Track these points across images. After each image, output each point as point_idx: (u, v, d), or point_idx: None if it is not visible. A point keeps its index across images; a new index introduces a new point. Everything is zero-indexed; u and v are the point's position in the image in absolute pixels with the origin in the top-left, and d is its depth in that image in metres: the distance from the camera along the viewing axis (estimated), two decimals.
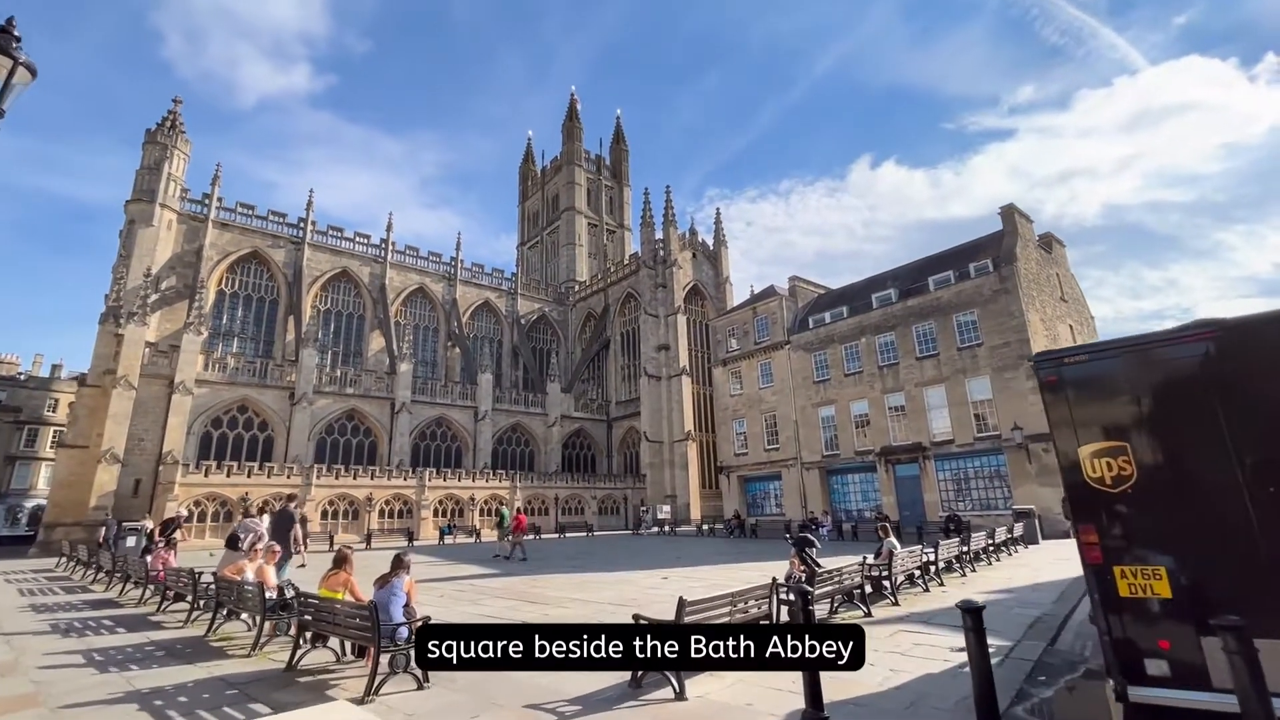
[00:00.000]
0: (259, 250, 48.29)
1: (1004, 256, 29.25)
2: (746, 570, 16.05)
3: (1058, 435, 5.02)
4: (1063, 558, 17.07)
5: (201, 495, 32.42)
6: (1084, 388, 4.99)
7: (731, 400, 40.91)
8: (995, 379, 28.16)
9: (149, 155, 43.79)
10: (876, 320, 33.41)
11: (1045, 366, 5.17)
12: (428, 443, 46.71)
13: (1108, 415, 4.87)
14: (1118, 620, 4.51)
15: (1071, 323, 32.36)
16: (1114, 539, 4.63)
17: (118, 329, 36.05)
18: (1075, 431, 4.89)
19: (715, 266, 61.79)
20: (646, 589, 12.69)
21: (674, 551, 23.40)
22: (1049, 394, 5.13)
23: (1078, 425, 4.90)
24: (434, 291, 57.22)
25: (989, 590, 11.58)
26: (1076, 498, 4.87)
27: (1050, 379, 5.11)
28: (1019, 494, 26.50)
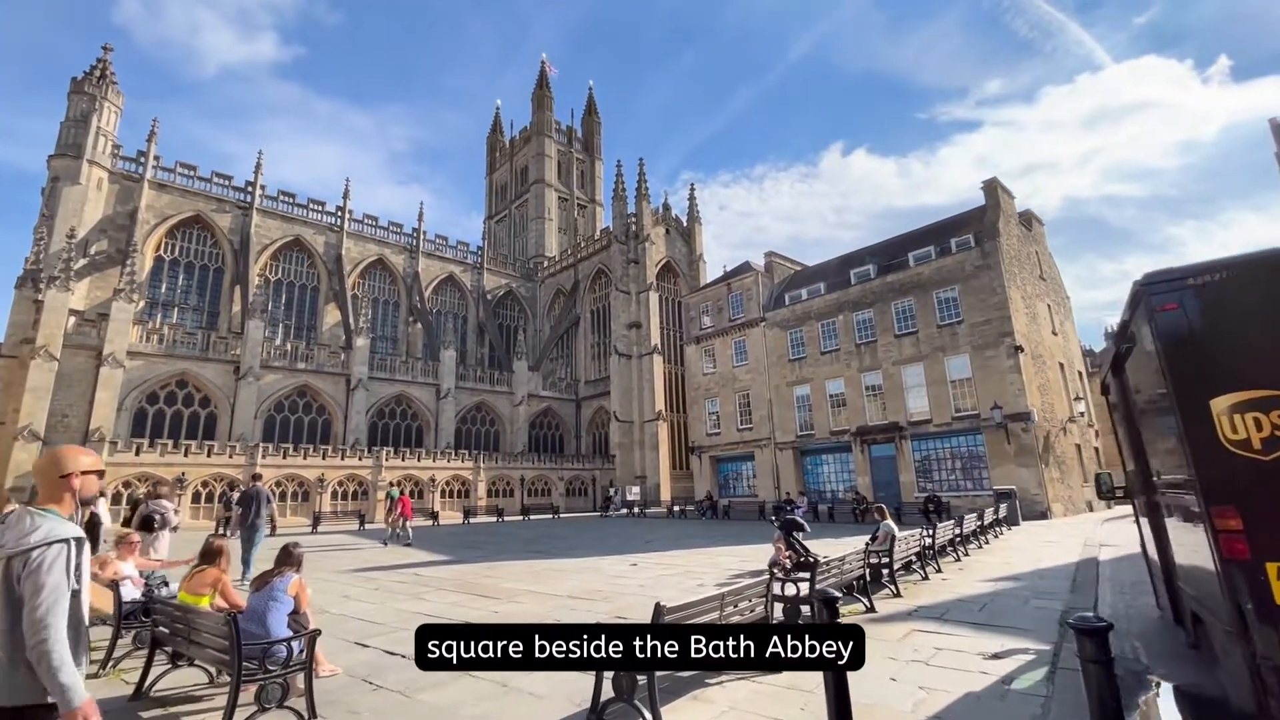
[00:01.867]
0: (202, 214, 44.86)
1: (987, 231, 28.39)
2: (722, 555, 14.79)
3: (1176, 383, 3.67)
4: (1050, 540, 16.27)
5: (132, 475, 29.81)
6: (1220, 316, 3.64)
7: (704, 379, 39.67)
8: (975, 357, 27.40)
9: (75, 107, 40.00)
10: (855, 297, 32.40)
11: (1160, 291, 3.79)
12: (386, 421, 44.43)
13: (1258, 352, 3.52)
14: (1273, 635, 3.20)
15: (1050, 301, 31.87)
16: (1266, 525, 3.32)
17: (37, 295, 32.83)
18: (1206, 377, 3.54)
19: (689, 243, 60.21)
20: (613, 578, 11.28)
21: (644, 534, 22.09)
22: (1165, 329, 3.76)
23: (1209, 368, 3.55)
24: (395, 264, 54.38)
25: (992, 577, 10.48)
26: (1209, 469, 3.52)
27: (1168, 306, 3.74)
28: (996, 474, 25.90)
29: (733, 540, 18.79)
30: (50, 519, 2.18)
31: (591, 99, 77.50)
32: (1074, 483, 27.93)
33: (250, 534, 11.50)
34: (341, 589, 10.43)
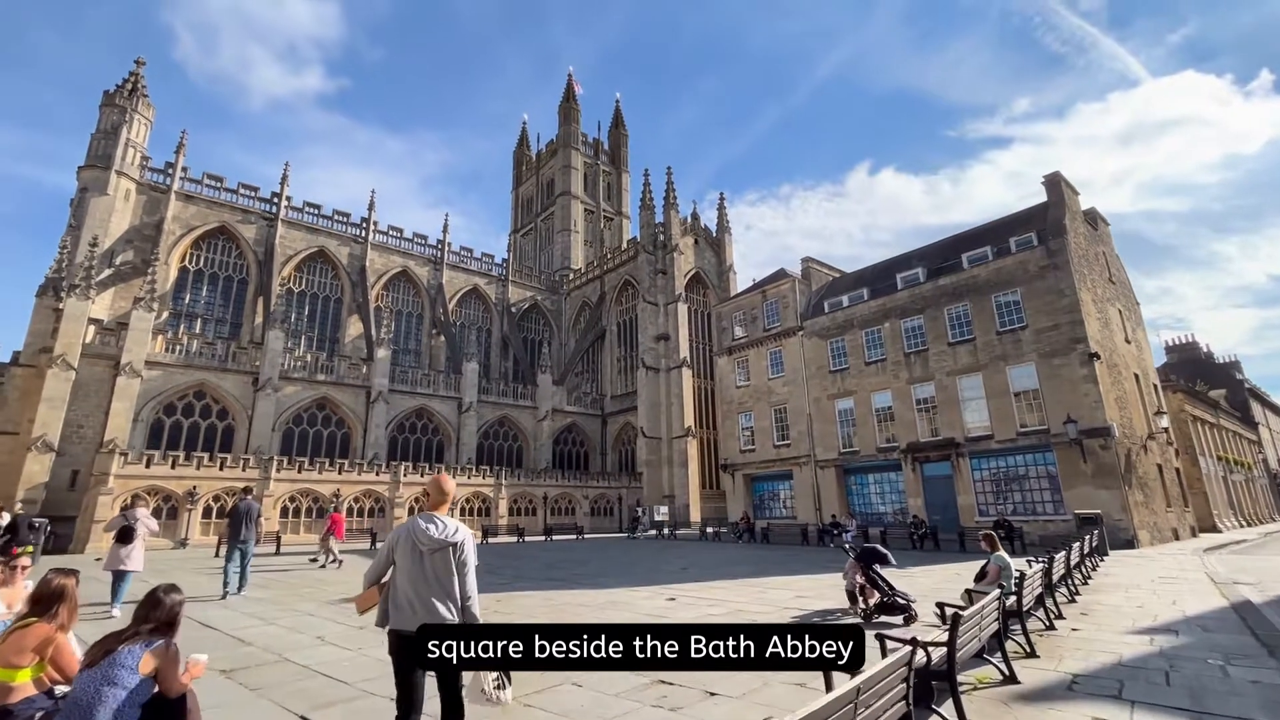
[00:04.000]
0: (227, 225, 44.63)
1: (1051, 229, 25.87)
2: (773, 588, 12.59)
3: None
4: (1163, 576, 13.66)
5: (141, 489, 28.58)
6: None
7: (737, 392, 37.41)
8: (1042, 366, 24.74)
9: (106, 119, 40.15)
10: (903, 302, 30.00)
11: None
12: (406, 435, 43.08)
13: None
14: None
15: (1120, 307, 29.04)
16: None
17: (57, 303, 32.35)
18: None
19: (718, 254, 58.36)
20: (648, 618, 9.21)
21: (677, 560, 19.89)
22: None
23: None
24: (419, 276, 53.60)
25: (1137, 628, 8.13)
26: None
27: None
28: (1070, 497, 23.12)
29: (779, 568, 16.52)
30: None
31: (618, 111, 76.80)
32: (1158, 507, 24.90)
33: (233, 550, 11.67)
34: (319, 627, 8.58)
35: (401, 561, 3.41)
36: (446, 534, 3.43)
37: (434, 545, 3.39)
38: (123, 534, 9.80)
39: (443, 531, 3.43)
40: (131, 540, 9.74)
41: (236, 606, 10.39)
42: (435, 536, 3.41)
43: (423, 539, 3.39)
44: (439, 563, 3.38)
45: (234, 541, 11.73)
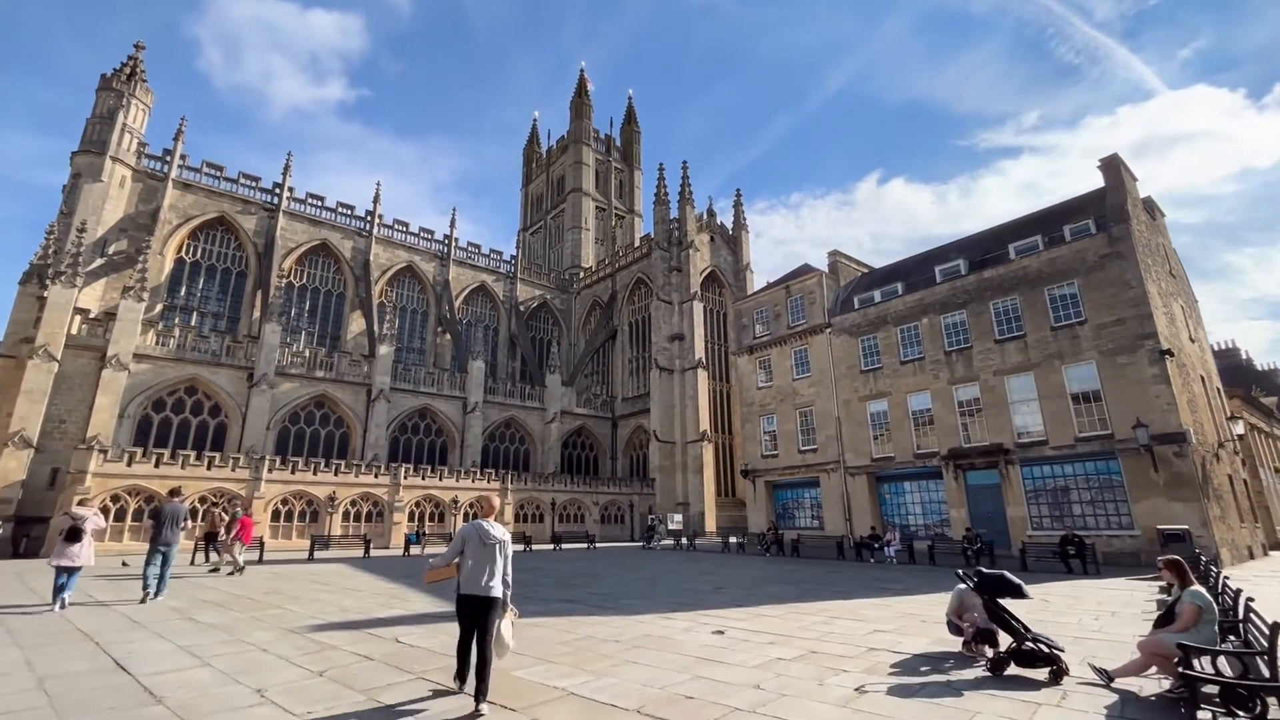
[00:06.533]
0: (226, 215, 42.95)
1: (1112, 214, 23.58)
2: (839, 618, 10.33)
3: None
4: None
5: (121, 489, 26.78)
6: None
7: (759, 393, 35.16)
8: (1104, 364, 22.39)
9: (102, 103, 38.59)
10: (942, 297, 27.74)
11: None
12: (408, 436, 41.08)
13: None
14: None
15: (1182, 304, 26.66)
16: None
17: (42, 291, 30.62)
18: None
19: (735, 252, 56.25)
20: (700, 664, 7.02)
21: (706, 576, 17.67)
22: None
23: None
24: (424, 272, 51.77)
25: None
26: None
27: None
28: (1140, 510, 20.74)
29: (826, 589, 14.27)
30: None
31: (631, 107, 75.08)
32: (1233, 522, 22.47)
33: (154, 553, 11.37)
34: (265, 672, 6.45)
35: (471, 549, 5.35)
36: (496, 535, 5.45)
37: (492, 541, 5.38)
38: (71, 533, 10.02)
39: (495, 533, 5.45)
40: (80, 539, 10.05)
41: (175, 635, 8.29)
42: (494, 535, 5.41)
43: (486, 537, 5.38)
44: (494, 554, 5.38)
45: (155, 543, 11.47)
